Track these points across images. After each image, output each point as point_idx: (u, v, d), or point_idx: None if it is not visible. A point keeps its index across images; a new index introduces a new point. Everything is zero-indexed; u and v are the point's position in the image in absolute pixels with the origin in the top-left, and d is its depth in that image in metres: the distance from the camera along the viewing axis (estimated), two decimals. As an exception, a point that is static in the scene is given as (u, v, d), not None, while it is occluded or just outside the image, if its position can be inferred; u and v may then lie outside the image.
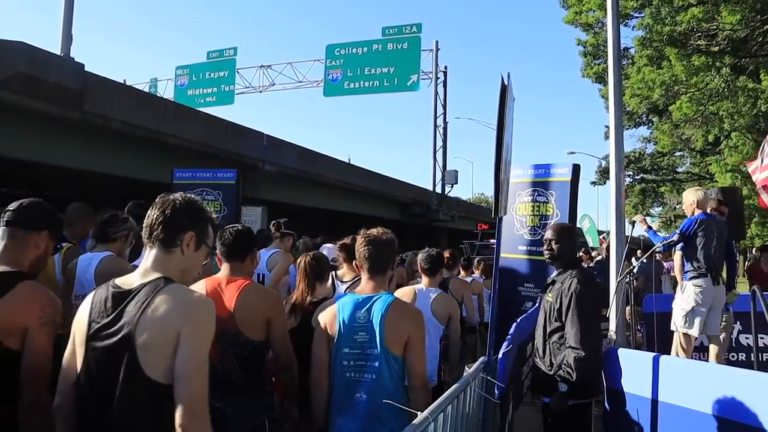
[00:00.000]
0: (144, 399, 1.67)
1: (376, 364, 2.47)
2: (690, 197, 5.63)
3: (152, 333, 1.68)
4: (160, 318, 1.69)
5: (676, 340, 5.39)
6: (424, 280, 4.17)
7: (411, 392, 2.52)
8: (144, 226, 1.89)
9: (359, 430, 2.47)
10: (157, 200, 1.91)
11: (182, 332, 1.68)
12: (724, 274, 5.65)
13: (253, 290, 2.74)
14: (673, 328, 5.43)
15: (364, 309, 2.53)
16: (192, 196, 1.95)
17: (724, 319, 5.63)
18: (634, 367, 3.28)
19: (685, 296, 5.34)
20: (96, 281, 3.06)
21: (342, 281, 3.99)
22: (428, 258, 4.17)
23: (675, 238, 5.45)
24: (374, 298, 2.55)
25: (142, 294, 1.74)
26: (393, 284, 3.72)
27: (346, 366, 2.51)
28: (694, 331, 5.24)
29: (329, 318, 2.59)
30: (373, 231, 2.71)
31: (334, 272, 4.07)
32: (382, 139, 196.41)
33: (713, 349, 5.47)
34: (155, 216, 1.86)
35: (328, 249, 4.95)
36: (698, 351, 5.73)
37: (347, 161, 26.75)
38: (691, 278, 5.33)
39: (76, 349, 1.80)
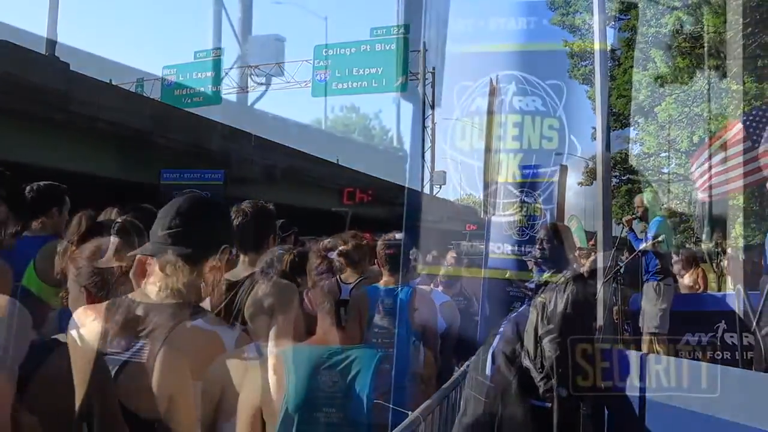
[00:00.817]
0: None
1: (400, 340, 3.05)
2: (646, 199, 5.79)
3: (253, 310, 2.23)
4: (258, 299, 2.25)
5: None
6: (441, 287, 5.14)
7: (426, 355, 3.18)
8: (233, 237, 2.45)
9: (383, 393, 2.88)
10: (236, 212, 2.48)
11: (274, 308, 2.21)
12: None
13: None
14: (649, 330, 5.46)
15: (390, 297, 3.16)
16: (261, 202, 2.59)
17: None
18: (623, 367, 3.30)
19: (659, 297, 5.42)
20: None
21: (346, 283, 4.10)
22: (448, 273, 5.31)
23: (661, 239, 5.51)
24: (398, 289, 3.18)
25: (247, 282, 2.34)
26: (413, 274, 4.47)
27: (375, 343, 3.09)
28: (665, 329, 5.34)
29: (362, 304, 3.16)
30: (389, 236, 3.30)
31: (338, 276, 4.20)
32: (371, 140, 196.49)
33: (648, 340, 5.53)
34: (243, 231, 2.44)
35: None
36: (685, 351, 5.78)
37: (335, 162, 26.66)
38: (660, 279, 5.43)
39: None
